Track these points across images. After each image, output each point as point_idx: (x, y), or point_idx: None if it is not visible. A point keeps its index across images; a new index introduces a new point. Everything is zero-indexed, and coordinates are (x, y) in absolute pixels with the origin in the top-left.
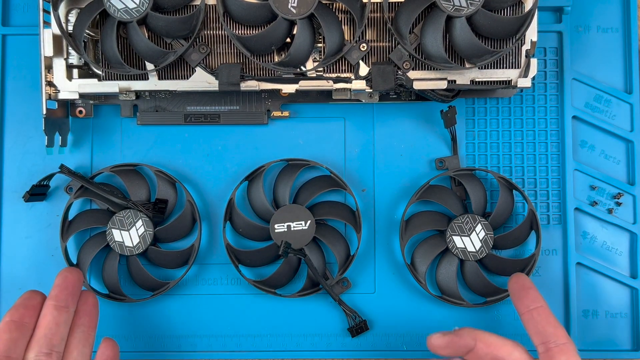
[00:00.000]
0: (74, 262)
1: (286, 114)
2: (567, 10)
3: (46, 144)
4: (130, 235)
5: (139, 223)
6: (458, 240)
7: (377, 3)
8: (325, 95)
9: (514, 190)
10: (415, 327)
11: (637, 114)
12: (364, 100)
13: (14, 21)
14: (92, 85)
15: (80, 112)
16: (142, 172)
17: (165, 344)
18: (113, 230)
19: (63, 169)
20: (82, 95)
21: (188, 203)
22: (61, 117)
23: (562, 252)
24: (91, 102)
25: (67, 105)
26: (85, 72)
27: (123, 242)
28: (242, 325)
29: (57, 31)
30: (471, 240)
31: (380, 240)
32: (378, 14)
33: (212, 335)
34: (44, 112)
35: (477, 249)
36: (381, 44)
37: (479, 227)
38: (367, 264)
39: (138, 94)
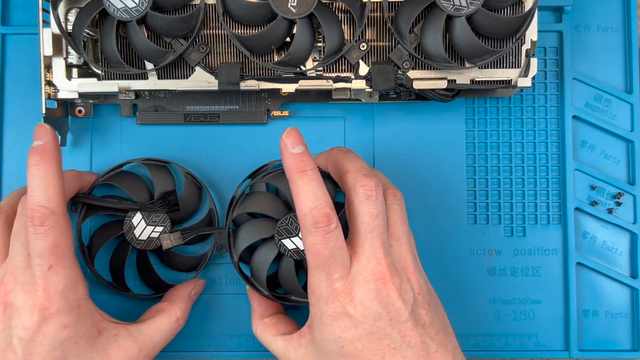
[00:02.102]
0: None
1: (286, 113)
2: (567, 10)
3: None
4: (147, 231)
5: (159, 227)
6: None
7: (377, 2)
8: (325, 95)
9: None
10: None
11: (638, 114)
12: (363, 100)
13: (14, 21)
14: (91, 85)
15: (80, 111)
16: (171, 170)
17: None
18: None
19: (78, 197)
20: (81, 95)
21: (211, 211)
22: (61, 117)
23: (562, 252)
24: (90, 101)
25: (67, 105)
26: (85, 71)
27: (139, 235)
28: (242, 325)
29: (57, 31)
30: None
31: None
32: (378, 14)
33: (212, 335)
34: (44, 111)
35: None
36: (381, 43)
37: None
38: None
39: (137, 94)
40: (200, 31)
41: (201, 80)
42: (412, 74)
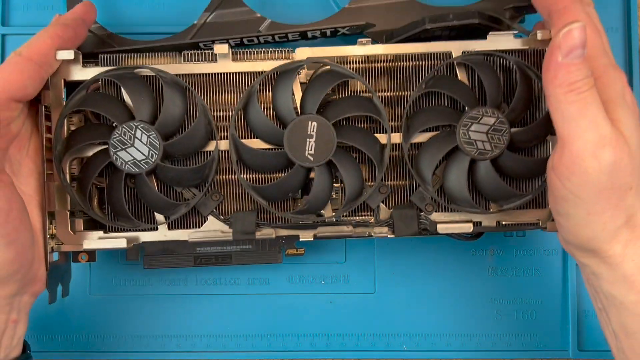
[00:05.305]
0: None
1: (302, 251)
2: None
3: (49, 301)
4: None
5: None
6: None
7: (396, 143)
8: None
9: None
10: (415, 327)
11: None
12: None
13: (14, 21)
14: (97, 242)
15: (84, 257)
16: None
17: (164, 344)
18: (119, 153)
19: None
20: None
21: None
22: (63, 264)
23: (562, 252)
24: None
25: (69, 253)
26: (90, 222)
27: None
28: (242, 325)
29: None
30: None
31: (380, 240)
32: (397, 152)
33: (211, 335)
34: (47, 268)
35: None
36: (401, 182)
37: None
38: (367, 264)
39: None
40: (213, 179)
41: (214, 229)
42: (435, 216)
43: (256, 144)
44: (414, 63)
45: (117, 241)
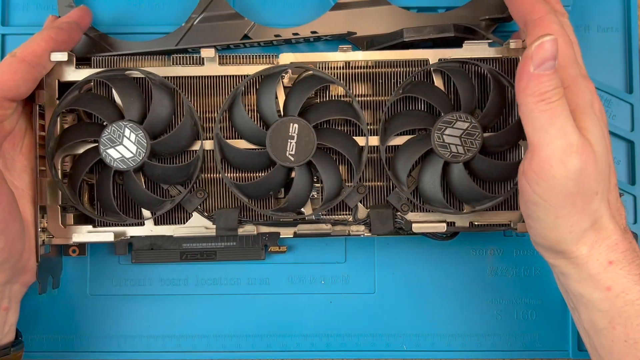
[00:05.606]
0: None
1: (284, 248)
2: (567, 10)
3: (39, 291)
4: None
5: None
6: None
7: (374, 145)
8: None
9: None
10: (415, 327)
11: (638, 114)
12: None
13: (14, 21)
14: (86, 235)
15: (74, 251)
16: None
17: (164, 344)
18: (108, 151)
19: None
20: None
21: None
22: (54, 257)
23: None
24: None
25: (61, 247)
26: (80, 216)
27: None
28: (242, 325)
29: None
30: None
31: (380, 240)
32: (375, 154)
33: (211, 335)
34: (38, 260)
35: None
36: (379, 183)
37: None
38: (367, 264)
39: None
40: (198, 177)
41: (199, 225)
42: (410, 216)
43: (240, 144)
44: (393, 69)
45: (105, 235)
